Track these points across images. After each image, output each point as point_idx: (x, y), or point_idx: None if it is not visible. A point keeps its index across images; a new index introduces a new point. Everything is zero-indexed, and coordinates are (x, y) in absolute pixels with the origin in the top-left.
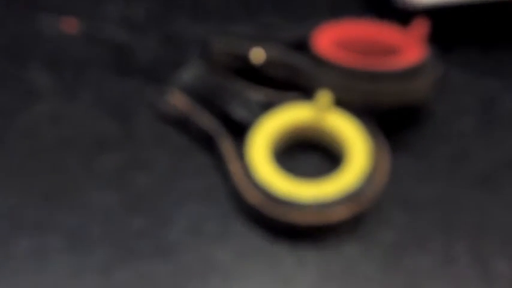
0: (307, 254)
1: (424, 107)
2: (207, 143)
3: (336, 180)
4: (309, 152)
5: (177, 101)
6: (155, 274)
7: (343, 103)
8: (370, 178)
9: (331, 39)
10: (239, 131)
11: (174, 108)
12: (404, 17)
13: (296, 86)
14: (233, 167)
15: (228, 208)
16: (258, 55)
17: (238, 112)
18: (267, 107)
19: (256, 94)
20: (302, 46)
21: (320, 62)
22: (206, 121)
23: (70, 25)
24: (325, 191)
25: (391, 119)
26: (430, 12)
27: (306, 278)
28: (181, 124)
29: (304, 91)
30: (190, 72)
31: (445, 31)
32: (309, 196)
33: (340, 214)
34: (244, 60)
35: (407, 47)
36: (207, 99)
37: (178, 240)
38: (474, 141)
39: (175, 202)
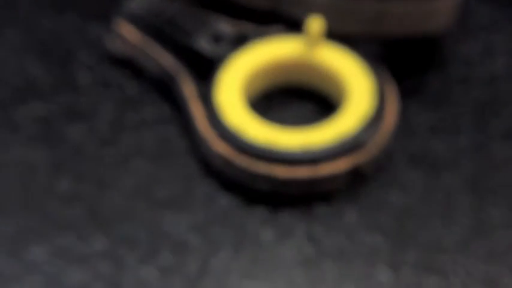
0: (293, 225)
1: (444, 46)
2: (163, 89)
3: (329, 127)
4: (298, 99)
5: (126, 35)
6: (85, 251)
7: (338, 33)
8: (372, 125)
9: None
10: (204, 70)
11: (121, 46)
12: None
13: (280, 18)
14: (196, 112)
15: (187, 168)
16: None
17: (203, 46)
18: (240, 41)
19: (227, 25)
20: None
21: None
22: (162, 59)
23: None
24: (316, 139)
25: (402, 55)
26: None
27: (291, 256)
28: (131, 66)
29: (289, 24)
30: None
31: None
32: (294, 145)
33: (336, 168)
34: None
35: None
36: (163, 31)
37: (120, 207)
38: (505, 86)
39: (117, 161)
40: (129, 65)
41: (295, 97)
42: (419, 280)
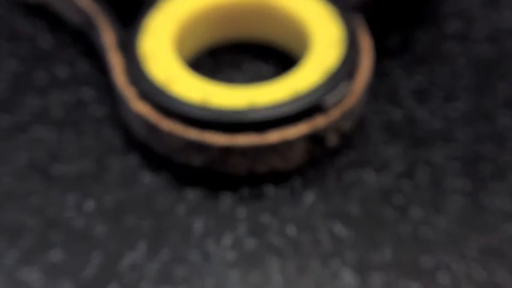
0: (233, 214)
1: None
2: (83, 43)
3: (283, 84)
4: (252, 57)
5: None
6: None
7: None
8: (338, 84)
9: None
10: (129, 14)
11: None
12: None
13: None
14: (115, 65)
15: (103, 139)
16: None
17: None
18: None
19: None
20: None
21: None
22: (80, 1)
23: None
24: (264, 99)
25: (385, 5)
26: None
27: (229, 254)
28: (46, 15)
29: None
30: None
31: None
32: (236, 106)
33: (289, 136)
34: None
35: None
36: None
37: (6, 188)
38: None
39: (12, 130)
40: (43, 14)
41: (249, 55)
42: (397, 285)
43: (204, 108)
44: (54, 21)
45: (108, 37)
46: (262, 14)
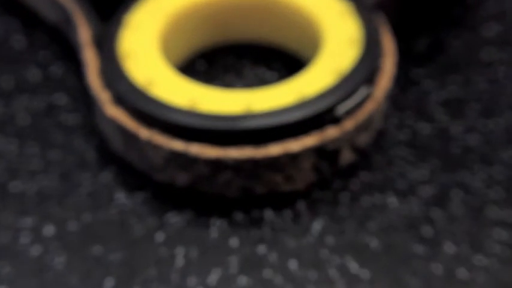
0: (224, 246)
1: None
2: (60, 43)
3: (288, 86)
4: (254, 60)
5: None
6: None
7: None
8: (354, 85)
9: None
10: (108, 8)
11: None
12: None
13: None
14: (90, 64)
15: (73, 152)
16: None
17: None
18: None
19: None
20: None
21: None
22: None
23: None
24: (264, 105)
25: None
26: None
27: None
28: (20, 13)
29: None
30: None
31: None
32: (233, 110)
33: (292, 150)
34: None
35: None
36: None
37: None
38: None
39: None
40: (17, 12)
41: (250, 59)
42: None
43: (191, 114)
44: (29, 20)
45: (84, 32)
46: (265, 11)
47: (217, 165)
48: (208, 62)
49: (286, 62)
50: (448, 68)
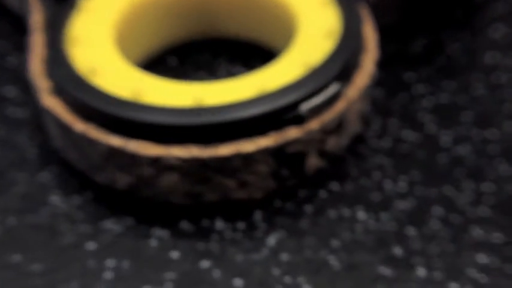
0: (168, 250)
1: None
2: (17, 30)
3: (248, 79)
4: (226, 53)
5: None
6: None
7: None
8: (323, 81)
9: None
10: None
11: None
12: None
13: None
14: (35, 50)
15: (12, 149)
16: None
17: None
18: None
19: None
20: None
21: None
22: None
23: None
24: (217, 99)
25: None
26: None
27: None
28: None
29: None
30: None
31: None
32: (180, 103)
33: (247, 150)
34: None
35: None
36: None
37: None
38: None
39: None
40: None
41: (225, 55)
42: None
43: (131, 106)
44: None
45: (37, 15)
46: (241, 2)
47: (159, 165)
48: (181, 59)
49: (266, 59)
50: (443, 72)
